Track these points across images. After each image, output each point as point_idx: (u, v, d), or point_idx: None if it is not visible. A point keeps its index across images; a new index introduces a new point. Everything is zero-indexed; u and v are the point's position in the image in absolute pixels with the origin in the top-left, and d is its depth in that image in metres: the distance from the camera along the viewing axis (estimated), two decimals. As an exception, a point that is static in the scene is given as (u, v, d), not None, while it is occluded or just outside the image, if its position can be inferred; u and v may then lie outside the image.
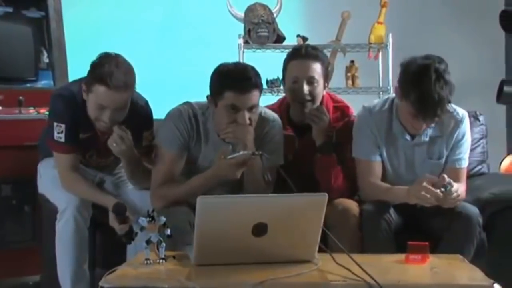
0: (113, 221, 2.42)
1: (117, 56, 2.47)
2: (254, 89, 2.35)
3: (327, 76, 2.72)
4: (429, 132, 2.53)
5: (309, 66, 2.63)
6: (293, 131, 2.67)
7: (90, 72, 2.45)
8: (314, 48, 2.73)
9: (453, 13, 4.70)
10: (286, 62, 2.70)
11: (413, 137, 2.54)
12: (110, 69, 2.39)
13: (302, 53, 2.65)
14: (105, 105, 2.43)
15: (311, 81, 2.62)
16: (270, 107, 2.68)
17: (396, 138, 2.56)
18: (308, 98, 2.62)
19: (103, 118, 2.45)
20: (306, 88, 2.61)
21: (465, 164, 2.58)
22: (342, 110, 2.74)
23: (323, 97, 2.70)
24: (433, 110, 2.35)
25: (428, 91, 2.31)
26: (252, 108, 2.37)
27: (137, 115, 2.57)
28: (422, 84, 2.32)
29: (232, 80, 2.34)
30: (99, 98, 2.42)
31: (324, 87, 2.70)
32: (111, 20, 4.42)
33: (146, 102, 2.67)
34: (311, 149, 2.62)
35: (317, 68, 2.63)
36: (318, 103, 2.65)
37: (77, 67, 3.30)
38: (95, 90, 2.42)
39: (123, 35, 4.21)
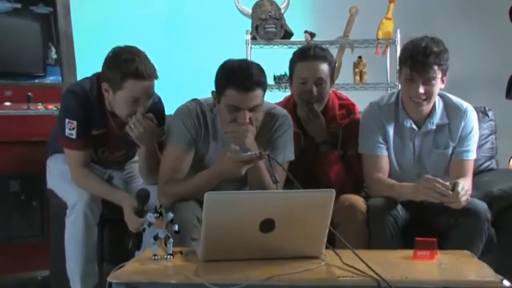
0: (128, 216, 2.40)
1: (128, 47, 2.47)
2: (256, 88, 2.33)
3: (333, 76, 2.75)
4: (435, 121, 2.55)
5: (317, 67, 2.65)
6: (299, 129, 2.68)
7: (114, 70, 2.42)
8: (322, 48, 2.75)
9: (462, 8, 4.67)
10: (294, 63, 2.72)
11: (419, 127, 2.56)
12: (139, 61, 2.39)
13: (310, 54, 2.67)
14: (140, 96, 2.43)
15: (319, 82, 2.65)
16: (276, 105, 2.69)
17: (404, 129, 2.58)
18: (317, 98, 2.66)
19: (139, 110, 2.45)
20: (314, 89, 2.64)
21: (472, 156, 2.58)
22: (347, 107, 2.76)
23: (329, 95, 2.72)
24: (425, 59, 2.42)
25: (420, 45, 2.45)
26: (254, 107, 2.35)
27: (150, 111, 2.57)
28: (417, 45, 2.47)
29: (234, 78, 2.31)
30: (134, 92, 2.42)
31: (330, 86, 2.73)
32: (119, 16, 4.42)
33: (159, 99, 2.67)
34: (315, 146, 2.68)
35: (325, 69, 2.66)
36: (324, 103, 2.69)
37: (86, 63, 3.32)
38: (127, 86, 2.41)
39: (131, 30, 4.20)
